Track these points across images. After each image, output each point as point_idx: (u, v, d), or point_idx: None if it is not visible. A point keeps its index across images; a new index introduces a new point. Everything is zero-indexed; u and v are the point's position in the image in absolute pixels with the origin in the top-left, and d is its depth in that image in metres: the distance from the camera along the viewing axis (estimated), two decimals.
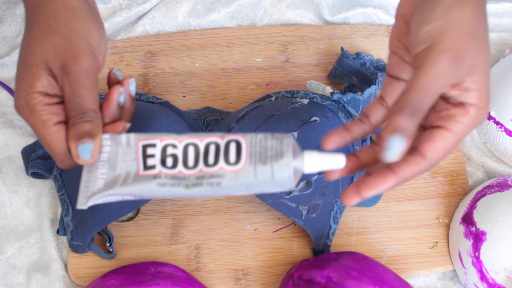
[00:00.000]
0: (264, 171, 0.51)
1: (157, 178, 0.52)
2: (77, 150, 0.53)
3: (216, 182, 0.51)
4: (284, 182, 0.51)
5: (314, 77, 0.87)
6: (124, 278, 0.71)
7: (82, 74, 0.54)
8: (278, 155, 0.51)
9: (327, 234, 0.75)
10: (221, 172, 0.51)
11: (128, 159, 0.53)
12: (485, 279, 0.72)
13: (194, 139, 0.53)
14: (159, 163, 0.53)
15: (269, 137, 0.52)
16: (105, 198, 0.53)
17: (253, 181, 0.51)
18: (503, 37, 0.92)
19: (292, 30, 0.91)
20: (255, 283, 0.77)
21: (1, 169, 0.82)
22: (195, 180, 0.52)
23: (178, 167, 0.52)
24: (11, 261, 0.78)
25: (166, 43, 0.90)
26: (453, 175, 0.82)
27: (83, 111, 0.54)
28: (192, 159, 0.52)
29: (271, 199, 0.73)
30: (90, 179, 0.53)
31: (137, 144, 0.53)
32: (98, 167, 0.53)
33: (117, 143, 0.54)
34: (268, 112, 0.75)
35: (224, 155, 0.52)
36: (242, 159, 0.51)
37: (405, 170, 0.50)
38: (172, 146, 0.53)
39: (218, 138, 0.53)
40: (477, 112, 0.50)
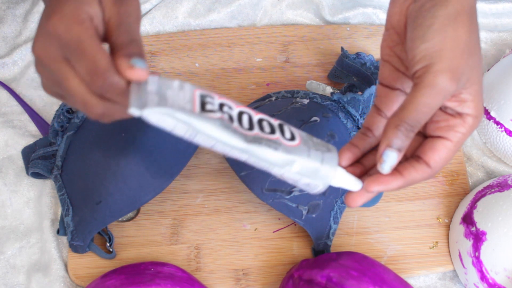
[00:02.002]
0: (316, 156, 0.51)
1: (220, 121, 0.48)
2: (131, 62, 0.48)
3: (274, 146, 0.50)
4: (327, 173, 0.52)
5: (314, 77, 0.87)
6: (124, 278, 0.71)
7: (133, 5, 0.51)
8: (326, 150, 0.52)
9: (327, 234, 0.75)
10: (278, 140, 0.50)
11: (181, 99, 0.48)
12: (485, 279, 0.72)
13: (248, 110, 0.51)
14: (219, 111, 0.49)
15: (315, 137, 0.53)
16: (161, 116, 0.47)
17: (305, 160, 0.51)
18: (503, 37, 0.92)
19: (292, 30, 0.91)
20: (255, 283, 0.77)
21: (1, 169, 0.82)
22: (253, 138, 0.50)
23: (234, 124, 0.49)
24: (11, 261, 0.78)
25: (166, 43, 0.90)
26: (453, 175, 0.82)
27: (133, 38, 0.50)
28: (247, 123, 0.50)
29: (271, 199, 0.73)
30: (140, 97, 0.47)
31: (193, 92, 0.49)
32: (148, 92, 0.47)
33: (166, 86, 0.48)
34: (268, 112, 0.75)
35: (280, 131, 0.51)
36: (297, 138, 0.51)
37: (412, 175, 0.53)
38: (228, 106, 0.50)
39: (271, 119, 0.52)
40: (473, 121, 0.54)
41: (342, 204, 0.75)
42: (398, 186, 0.53)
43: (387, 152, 0.51)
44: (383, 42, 0.59)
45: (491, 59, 0.90)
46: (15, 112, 0.86)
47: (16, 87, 0.87)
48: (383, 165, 0.52)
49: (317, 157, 0.51)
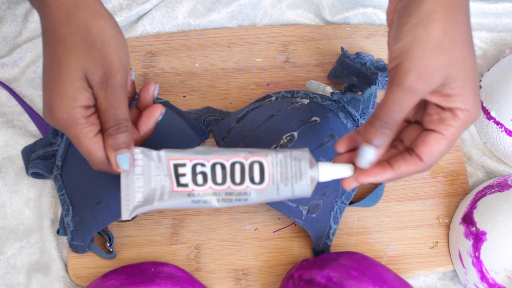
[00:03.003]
0: (286, 190, 0.57)
1: (191, 196, 0.58)
2: (117, 160, 0.57)
3: (243, 198, 0.57)
4: (303, 194, 0.57)
5: (314, 77, 0.87)
6: (124, 278, 0.71)
7: (116, 87, 0.56)
8: (298, 176, 0.57)
9: (327, 234, 0.75)
10: (247, 190, 0.57)
11: (161, 174, 0.58)
12: (485, 279, 0.72)
13: (220, 159, 0.57)
14: (191, 182, 0.58)
15: (288, 158, 0.57)
16: (145, 210, 0.59)
17: (276, 197, 0.57)
18: (503, 37, 0.92)
19: (292, 30, 0.91)
20: (255, 283, 0.77)
21: (1, 169, 0.82)
22: (225, 195, 0.57)
23: (208, 184, 0.57)
24: (11, 261, 0.78)
25: (166, 43, 0.90)
26: (453, 175, 0.82)
27: (119, 121, 0.57)
28: (220, 176, 0.57)
29: None
30: (129, 192, 0.58)
31: (168, 163, 0.58)
32: (135, 180, 0.58)
33: (148, 157, 0.58)
34: (268, 112, 0.75)
35: (249, 174, 0.57)
36: (266, 180, 0.57)
37: (402, 168, 0.56)
38: (200, 165, 0.58)
39: (242, 159, 0.57)
40: (465, 114, 0.55)
41: (342, 204, 0.75)
42: (388, 178, 0.55)
43: (363, 147, 0.54)
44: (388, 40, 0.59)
45: (491, 59, 0.90)
46: (15, 112, 0.86)
47: (16, 87, 0.87)
48: (360, 160, 0.54)
49: (287, 192, 0.57)
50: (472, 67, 0.55)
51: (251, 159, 0.57)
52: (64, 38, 0.56)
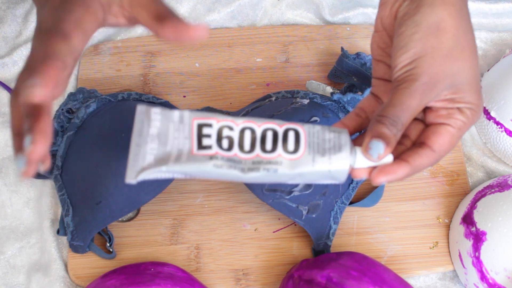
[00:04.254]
0: (322, 162, 0.51)
1: (214, 159, 0.50)
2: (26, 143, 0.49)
3: (273, 169, 0.51)
4: (339, 175, 0.52)
5: (314, 77, 0.87)
6: (124, 278, 0.71)
7: None
8: (337, 148, 0.52)
9: (327, 234, 0.75)
10: (279, 159, 0.51)
11: (180, 137, 0.51)
12: (485, 279, 0.72)
13: (251, 123, 0.52)
14: (216, 144, 0.51)
15: (327, 130, 0.52)
16: (156, 174, 0.51)
17: (310, 171, 0.51)
18: (503, 37, 0.92)
19: (293, 30, 0.91)
20: (255, 283, 0.77)
21: (1, 169, 0.82)
22: (251, 164, 0.51)
23: (234, 150, 0.51)
24: (11, 261, 0.78)
25: (166, 43, 0.90)
26: (453, 175, 0.82)
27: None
28: (249, 143, 0.51)
29: (271, 199, 0.73)
30: (139, 153, 0.50)
31: (191, 123, 0.51)
32: (147, 141, 0.50)
33: (168, 119, 0.51)
34: (268, 112, 0.75)
35: (283, 142, 0.51)
36: (301, 148, 0.51)
37: (417, 161, 0.54)
38: (228, 128, 0.51)
39: (276, 125, 0.52)
40: (471, 112, 0.55)
41: (342, 204, 0.75)
42: (405, 173, 0.54)
43: (372, 141, 0.52)
44: (373, 44, 0.60)
45: (491, 59, 0.90)
46: None
47: None
48: (370, 152, 0.52)
49: (323, 163, 0.51)
50: (476, 73, 0.56)
51: (286, 126, 0.51)
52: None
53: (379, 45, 0.59)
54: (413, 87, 0.53)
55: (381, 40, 0.59)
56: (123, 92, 0.80)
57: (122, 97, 0.79)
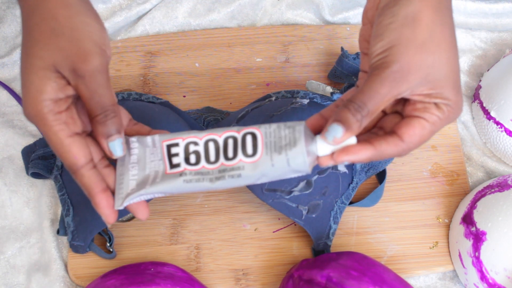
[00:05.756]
0: (280, 159, 0.54)
1: (183, 176, 0.55)
2: (109, 148, 0.55)
3: (237, 174, 0.55)
4: (300, 168, 0.54)
5: (314, 77, 0.87)
6: (124, 278, 0.71)
7: (95, 73, 0.53)
8: (292, 143, 0.54)
9: (327, 234, 0.75)
10: (240, 164, 0.55)
11: (155, 159, 0.56)
12: (485, 279, 0.72)
13: (213, 135, 0.56)
14: (183, 161, 0.56)
15: (282, 127, 0.55)
16: (138, 198, 0.56)
17: (271, 170, 0.54)
18: (503, 37, 0.92)
19: (292, 30, 0.91)
20: (255, 283, 0.77)
21: (1, 169, 0.82)
22: (218, 173, 0.55)
23: (201, 163, 0.55)
24: (11, 261, 0.78)
25: (166, 43, 0.90)
26: (453, 175, 0.82)
27: (106, 108, 0.54)
28: (213, 154, 0.56)
29: (271, 199, 0.73)
30: (123, 181, 0.56)
31: (162, 145, 0.57)
32: (129, 169, 0.57)
33: (144, 145, 0.57)
34: (268, 112, 0.75)
35: (242, 148, 0.55)
36: (259, 151, 0.54)
37: (382, 146, 0.55)
38: (193, 143, 0.56)
39: (235, 132, 0.56)
40: (448, 108, 0.55)
41: (342, 204, 0.75)
42: (368, 156, 0.54)
43: (332, 125, 0.53)
44: (360, 36, 0.61)
45: (491, 59, 0.90)
46: (15, 112, 0.86)
47: (16, 87, 0.87)
48: (326, 135, 0.53)
49: (281, 161, 0.54)
50: (454, 68, 0.56)
51: (244, 131, 0.55)
52: (31, 29, 0.54)
53: (365, 38, 0.60)
54: (383, 74, 0.53)
55: (367, 33, 0.59)
56: (123, 92, 0.80)
57: (122, 97, 0.79)
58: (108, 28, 0.89)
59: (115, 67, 0.88)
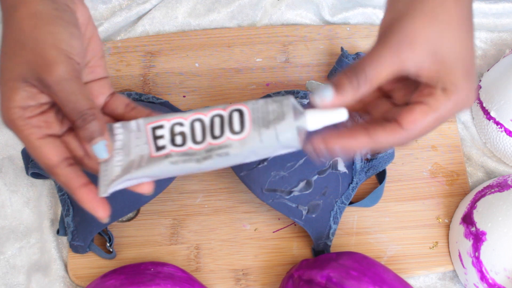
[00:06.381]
0: (269, 134, 0.52)
1: (169, 157, 0.54)
2: (94, 152, 0.54)
3: (224, 153, 0.53)
4: (289, 143, 0.52)
5: (314, 77, 0.87)
6: (124, 278, 0.71)
7: (62, 82, 0.53)
8: (280, 117, 0.52)
9: (327, 234, 0.75)
10: (228, 142, 0.53)
11: (140, 143, 0.55)
12: (485, 279, 0.72)
13: (199, 115, 0.55)
14: (169, 143, 0.54)
15: (270, 101, 0.53)
16: (124, 184, 0.55)
17: (260, 146, 0.52)
18: (503, 37, 0.92)
19: (293, 30, 0.91)
20: (255, 283, 0.77)
21: (1, 169, 0.82)
22: (205, 153, 0.53)
23: (187, 144, 0.54)
24: (11, 261, 0.78)
25: (166, 43, 0.90)
26: (453, 175, 0.82)
27: (82, 112, 0.54)
28: (200, 133, 0.54)
29: (271, 199, 0.73)
30: (108, 167, 0.55)
31: (146, 128, 0.55)
32: (114, 155, 0.55)
33: (128, 130, 0.55)
34: None
35: (229, 125, 0.53)
36: (246, 127, 0.53)
37: (379, 134, 0.51)
38: (179, 124, 0.55)
39: (221, 110, 0.54)
40: (456, 97, 0.51)
41: (342, 204, 0.75)
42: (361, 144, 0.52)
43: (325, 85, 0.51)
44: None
45: (491, 59, 0.90)
46: None
47: None
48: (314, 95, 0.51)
49: (270, 135, 0.52)
50: (468, 49, 0.52)
51: (230, 108, 0.54)
52: (2, 40, 0.54)
53: None
54: (386, 40, 0.51)
55: None
56: (123, 92, 0.80)
57: None
58: (108, 28, 0.89)
59: (115, 67, 0.88)
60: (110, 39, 0.91)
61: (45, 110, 0.55)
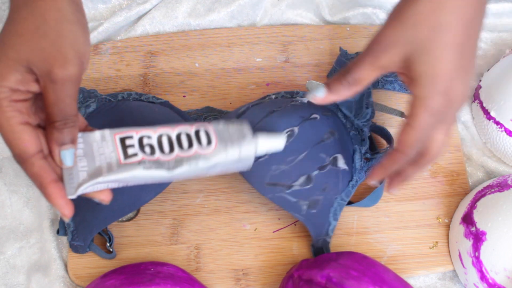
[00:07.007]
0: (233, 149, 0.59)
1: (142, 164, 0.57)
2: (60, 156, 0.55)
3: (194, 163, 0.58)
4: (247, 159, 0.60)
5: (314, 77, 0.87)
6: (124, 278, 0.71)
7: (67, 82, 0.53)
8: (241, 137, 0.59)
9: (326, 231, 0.75)
10: (196, 154, 0.58)
11: (106, 152, 0.57)
12: (485, 279, 0.72)
13: (166, 129, 0.59)
14: (140, 152, 0.57)
15: (230, 123, 0.60)
16: (93, 186, 0.57)
17: (224, 160, 0.59)
18: (503, 37, 0.92)
19: (292, 30, 0.91)
20: (255, 283, 0.77)
21: (1, 169, 0.82)
22: (175, 163, 0.58)
23: (156, 154, 0.58)
24: (11, 261, 0.78)
25: (166, 43, 0.90)
26: (453, 175, 0.82)
27: (67, 117, 0.54)
28: (167, 146, 0.58)
29: (272, 194, 0.73)
30: (72, 172, 0.56)
31: (114, 138, 0.58)
32: (76, 161, 0.57)
33: (89, 140, 0.58)
34: (268, 108, 0.76)
35: (197, 140, 0.58)
36: (213, 142, 0.58)
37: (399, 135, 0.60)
38: (147, 137, 0.58)
39: (187, 126, 0.59)
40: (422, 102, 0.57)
41: (341, 201, 0.75)
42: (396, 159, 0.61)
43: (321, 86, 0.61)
44: None
45: (491, 59, 0.90)
46: None
47: None
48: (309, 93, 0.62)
49: (234, 152, 0.59)
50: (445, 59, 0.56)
51: (195, 127, 0.59)
52: (16, 21, 0.54)
53: None
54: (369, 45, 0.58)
55: None
56: (123, 92, 0.80)
57: (122, 97, 0.79)
58: (108, 28, 0.89)
59: (115, 67, 0.88)
60: (110, 39, 0.91)
61: (28, 98, 0.55)
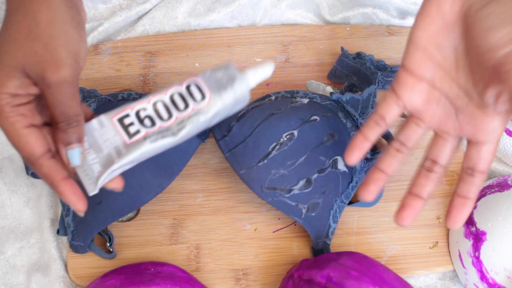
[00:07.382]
0: (228, 94, 0.58)
1: (147, 138, 0.57)
2: (67, 156, 0.55)
3: (195, 120, 0.57)
4: (243, 97, 0.59)
5: (314, 77, 0.87)
6: (124, 278, 0.71)
7: (63, 84, 0.53)
8: (231, 79, 0.59)
9: (326, 233, 0.75)
10: (194, 111, 0.58)
11: (109, 137, 0.57)
12: (485, 279, 0.72)
13: (158, 96, 0.58)
14: (141, 127, 0.57)
15: (216, 70, 0.59)
16: (110, 175, 0.57)
17: (222, 106, 0.58)
18: None
19: (292, 30, 0.91)
20: (255, 283, 0.77)
21: (1, 169, 0.82)
22: (177, 126, 0.57)
23: (157, 124, 0.57)
24: (11, 261, 0.78)
25: (166, 43, 0.90)
26: (453, 175, 0.82)
27: (69, 117, 0.54)
28: (165, 112, 0.58)
29: (271, 198, 0.73)
30: (86, 169, 0.57)
31: (112, 121, 0.58)
32: (86, 156, 0.57)
33: (90, 129, 0.58)
34: (268, 110, 0.75)
35: (190, 96, 0.58)
36: (207, 94, 0.58)
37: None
38: (143, 109, 0.58)
39: (178, 86, 0.58)
40: None
41: (341, 203, 0.75)
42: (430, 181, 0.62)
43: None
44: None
45: None
46: None
47: None
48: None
49: (229, 96, 0.58)
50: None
51: (185, 83, 0.58)
52: (9, 26, 0.54)
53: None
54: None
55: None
56: (123, 92, 0.80)
57: (122, 97, 0.79)
58: (108, 28, 0.89)
59: (115, 67, 0.88)
60: (110, 39, 0.91)
61: (30, 101, 0.55)
